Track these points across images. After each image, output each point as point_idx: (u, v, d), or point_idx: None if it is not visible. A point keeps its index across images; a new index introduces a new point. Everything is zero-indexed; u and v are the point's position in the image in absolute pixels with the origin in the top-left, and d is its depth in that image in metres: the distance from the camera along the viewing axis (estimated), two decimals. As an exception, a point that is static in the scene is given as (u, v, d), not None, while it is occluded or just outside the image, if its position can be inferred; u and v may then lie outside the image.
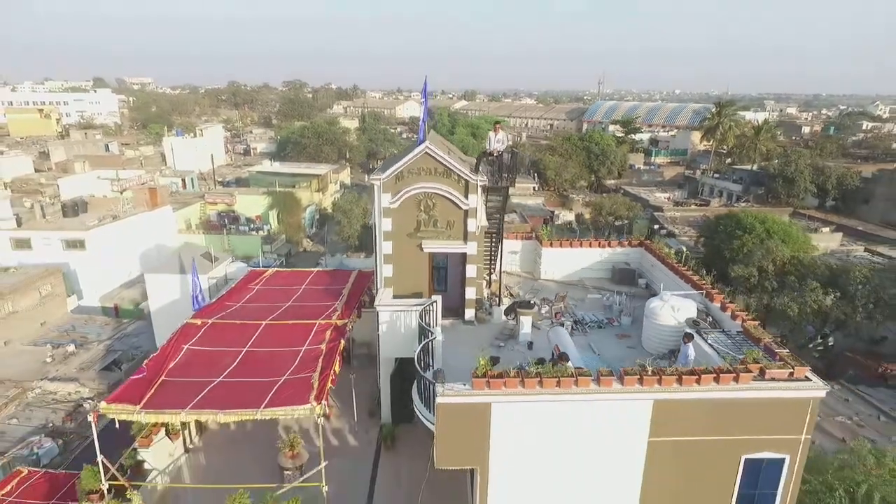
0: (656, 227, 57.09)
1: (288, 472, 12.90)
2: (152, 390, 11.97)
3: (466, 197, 13.93)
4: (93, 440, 11.73)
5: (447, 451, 10.23)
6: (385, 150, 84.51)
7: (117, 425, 12.27)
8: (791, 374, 10.18)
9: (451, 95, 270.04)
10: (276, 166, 64.60)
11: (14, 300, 30.12)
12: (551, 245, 18.25)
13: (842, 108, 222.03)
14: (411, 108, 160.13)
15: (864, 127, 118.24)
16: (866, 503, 12.72)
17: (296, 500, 11.24)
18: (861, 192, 58.86)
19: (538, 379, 9.83)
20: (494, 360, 10.44)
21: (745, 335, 11.94)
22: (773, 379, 10.14)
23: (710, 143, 80.00)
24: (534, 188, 69.69)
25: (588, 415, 10.16)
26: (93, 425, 11.54)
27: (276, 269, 20.28)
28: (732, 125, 75.66)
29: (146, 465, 13.66)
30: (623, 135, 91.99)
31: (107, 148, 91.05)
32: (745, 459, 10.49)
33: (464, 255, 14.50)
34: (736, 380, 10.02)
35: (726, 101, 79.88)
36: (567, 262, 18.30)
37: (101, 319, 34.39)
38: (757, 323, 12.42)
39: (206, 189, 63.03)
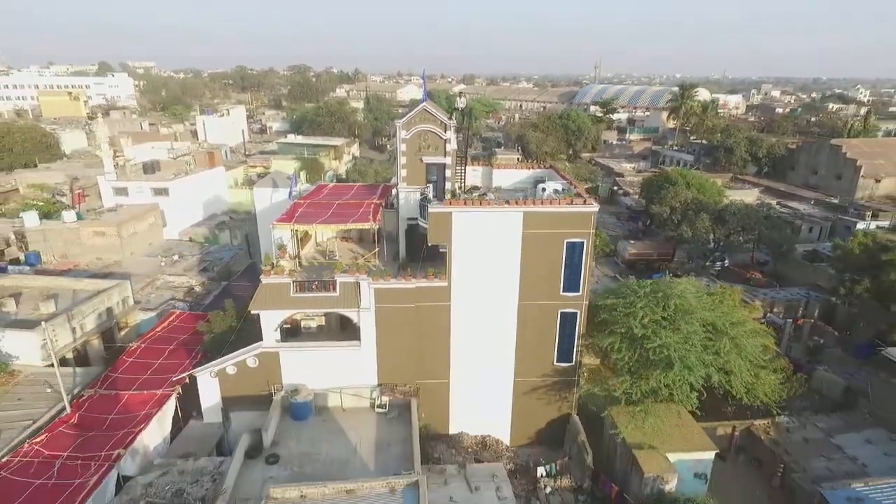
0: (616, 188, 70.60)
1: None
2: (293, 219, 25.47)
3: (445, 132, 27.19)
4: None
5: (433, 234, 23.76)
6: (390, 129, 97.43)
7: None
8: (584, 201, 23.64)
9: (450, 79, 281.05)
10: (299, 139, 77.81)
11: (135, 224, 43.63)
12: (498, 167, 31.69)
13: (837, 90, 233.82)
14: (412, 91, 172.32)
15: (828, 108, 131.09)
16: (645, 286, 25.96)
17: (361, 267, 24.69)
18: (788, 160, 72.11)
19: (471, 202, 23.32)
20: (453, 194, 23.90)
21: (578, 194, 25.32)
22: (576, 204, 23.61)
23: (676, 121, 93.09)
24: (517, 159, 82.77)
25: (495, 219, 23.63)
26: (271, 232, 25.01)
27: (334, 183, 33.75)
28: (693, 106, 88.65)
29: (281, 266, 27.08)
30: (602, 115, 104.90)
31: (140, 126, 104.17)
32: (566, 241, 23.96)
33: (443, 164, 27.80)
34: (559, 203, 23.51)
35: (688, 84, 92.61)
36: (508, 177, 31.66)
37: (188, 243, 48.01)
38: (586, 187, 25.79)
39: (239, 159, 76.20)
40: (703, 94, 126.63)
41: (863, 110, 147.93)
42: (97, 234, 41.94)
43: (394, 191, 30.39)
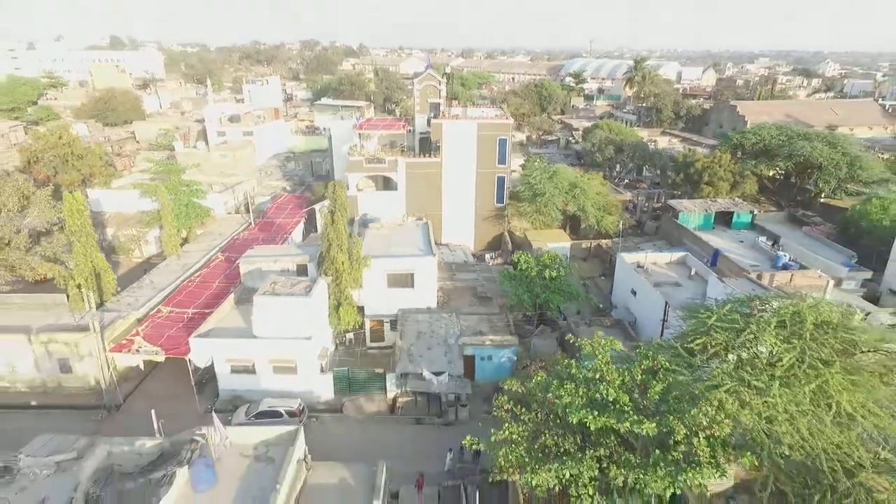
0: (570, 139, 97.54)
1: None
2: (362, 128, 52.76)
3: (440, 85, 54.08)
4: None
5: (434, 135, 51.02)
6: (398, 96, 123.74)
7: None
8: (506, 116, 50.72)
9: (449, 53, 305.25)
10: (330, 101, 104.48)
11: (241, 152, 70.85)
12: (472, 108, 58.68)
13: (834, 66, 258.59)
14: (414, 64, 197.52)
15: (779, 80, 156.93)
16: (547, 168, 52.91)
17: (398, 152, 51.82)
18: (703, 118, 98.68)
19: (452, 118, 50.54)
20: (444, 116, 51.15)
21: (504, 115, 52.16)
22: (501, 119, 50.73)
23: (631, 89, 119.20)
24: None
25: (463, 127, 50.72)
26: (343, 145, 52.28)
27: (376, 118, 60.88)
28: (645, 77, 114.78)
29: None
30: (574, 84, 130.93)
31: (194, 94, 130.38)
32: (498, 138, 51.05)
33: (438, 103, 54.69)
34: (493, 119, 50.68)
35: (640, 58, 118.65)
36: (475, 112, 58.58)
37: (272, 167, 75.26)
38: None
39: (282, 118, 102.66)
40: (666, 69, 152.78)
41: (814, 81, 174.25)
42: (222, 156, 69.04)
43: (411, 124, 57.40)
